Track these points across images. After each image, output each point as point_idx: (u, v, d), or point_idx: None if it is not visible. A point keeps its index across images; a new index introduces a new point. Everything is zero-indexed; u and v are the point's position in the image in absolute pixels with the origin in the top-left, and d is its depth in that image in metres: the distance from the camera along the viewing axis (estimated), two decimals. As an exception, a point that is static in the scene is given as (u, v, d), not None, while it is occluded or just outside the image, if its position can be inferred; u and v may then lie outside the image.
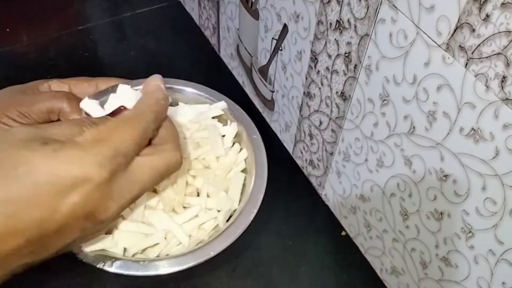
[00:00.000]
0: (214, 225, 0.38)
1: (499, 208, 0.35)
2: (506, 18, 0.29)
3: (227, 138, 0.43)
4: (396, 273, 0.51)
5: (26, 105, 0.37)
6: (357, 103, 0.46)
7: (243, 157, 0.42)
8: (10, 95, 0.38)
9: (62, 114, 0.38)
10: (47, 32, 0.78)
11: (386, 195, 0.47)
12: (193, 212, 0.38)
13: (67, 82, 0.42)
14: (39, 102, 0.37)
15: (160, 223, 0.37)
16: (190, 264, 0.35)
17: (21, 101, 0.37)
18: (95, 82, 0.43)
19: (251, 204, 0.38)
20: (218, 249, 0.36)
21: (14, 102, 0.37)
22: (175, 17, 0.84)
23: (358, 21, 0.42)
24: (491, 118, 0.33)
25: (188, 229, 0.37)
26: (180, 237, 0.37)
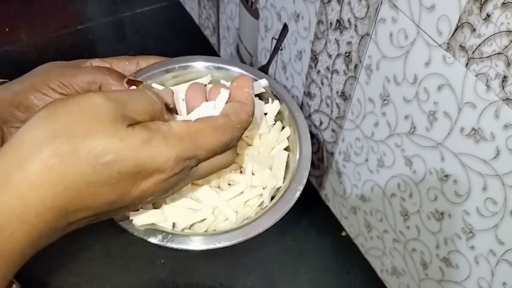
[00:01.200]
0: (259, 202, 0.38)
1: (500, 208, 0.35)
2: (507, 18, 0.29)
3: (269, 116, 0.42)
4: (397, 274, 0.50)
5: (69, 76, 0.38)
6: (358, 103, 0.46)
7: (286, 135, 0.42)
8: (53, 68, 0.39)
9: (105, 86, 0.38)
10: (47, 32, 0.78)
11: (386, 195, 0.47)
12: (239, 189, 0.38)
13: (109, 61, 0.43)
14: (82, 74, 0.38)
15: (207, 199, 0.37)
16: (239, 239, 0.35)
17: (63, 72, 0.38)
18: (136, 60, 0.44)
19: (297, 181, 0.38)
20: (266, 226, 0.36)
21: (56, 74, 0.38)
22: (175, 16, 0.84)
23: (359, 20, 0.41)
24: (491, 118, 0.33)
25: (234, 206, 0.37)
26: (227, 212, 0.37)
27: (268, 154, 0.41)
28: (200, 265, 0.54)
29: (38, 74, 0.38)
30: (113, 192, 0.29)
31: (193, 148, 0.31)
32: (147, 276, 0.53)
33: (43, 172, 0.27)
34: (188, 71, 0.45)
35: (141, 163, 0.29)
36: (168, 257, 0.54)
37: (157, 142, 0.30)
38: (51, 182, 0.27)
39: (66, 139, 0.27)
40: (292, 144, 0.41)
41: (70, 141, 0.27)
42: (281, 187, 0.39)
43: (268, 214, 0.37)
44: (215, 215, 0.38)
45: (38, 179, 0.27)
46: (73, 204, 0.28)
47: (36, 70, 0.40)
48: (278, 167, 0.40)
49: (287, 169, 0.40)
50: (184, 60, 0.43)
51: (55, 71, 0.38)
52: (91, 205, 0.29)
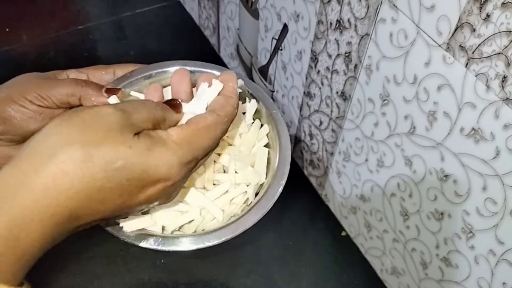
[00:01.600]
0: (244, 199, 0.39)
1: (500, 208, 0.35)
2: (507, 18, 0.29)
3: (247, 115, 0.43)
4: (397, 274, 0.51)
5: (46, 88, 0.38)
6: (358, 103, 0.46)
7: (265, 132, 0.42)
8: (29, 80, 0.39)
9: (84, 98, 0.39)
10: (47, 32, 0.78)
11: (386, 195, 0.47)
12: (223, 188, 0.39)
13: (85, 71, 0.43)
14: (60, 86, 0.38)
15: (194, 200, 0.38)
16: (228, 237, 0.36)
17: (40, 84, 0.38)
18: (113, 69, 0.45)
19: (279, 176, 0.39)
20: (252, 222, 0.36)
21: (33, 86, 0.38)
22: (175, 16, 0.84)
23: (359, 20, 0.41)
24: (491, 118, 0.33)
25: (220, 205, 0.38)
26: (214, 212, 0.38)
27: (249, 152, 0.42)
28: (200, 265, 0.54)
29: (15, 86, 0.38)
30: (121, 197, 0.31)
31: (192, 151, 0.33)
32: (147, 276, 0.53)
33: (58, 176, 0.28)
34: (166, 76, 0.45)
35: (146, 170, 0.31)
36: (168, 257, 0.54)
37: (158, 149, 0.31)
38: (65, 186, 0.28)
39: (80, 146, 0.29)
40: (272, 141, 0.42)
41: (83, 148, 0.29)
42: (264, 183, 0.40)
43: (253, 210, 0.37)
44: (202, 216, 0.38)
45: (53, 183, 0.28)
46: (83, 207, 0.30)
47: (12, 81, 0.39)
48: (260, 164, 0.41)
49: (269, 165, 0.41)
50: (161, 65, 0.43)
51: (32, 83, 0.38)
52: (100, 209, 0.31)
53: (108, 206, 0.31)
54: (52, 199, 0.28)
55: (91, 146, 0.29)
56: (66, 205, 0.29)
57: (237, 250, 0.55)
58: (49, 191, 0.28)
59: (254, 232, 0.56)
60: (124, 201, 0.31)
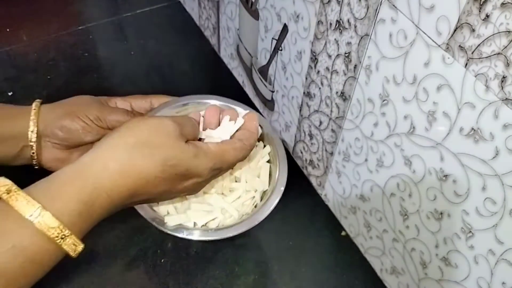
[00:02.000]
0: (253, 202, 0.51)
1: (499, 208, 0.35)
2: (506, 18, 0.29)
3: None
4: (396, 273, 0.51)
5: (105, 113, 0.49)
6: (357, 103, 0.46)
7: (267, 151, 0.54)
8: (92, 103, 0.50)
9: None
10: (47, 32, 0.79)
11: (386, 195, 0.47)
12: (237, 194, 0.51)
13: (128, 100, 0.54)
14: (114, 113, 0.50)
15: (216, 202, 0.50)
16: (243, 229, 0.47)
17: (101, 109, 0.49)
18: (149, 99, 0.55)
19: (279, 184, 0.51)
20: (262, 217, 0.48)
21: (95, 109, 0.49)
22: (175, 17, 0.84)
23: (358, 21, 0.42)
24: (491, 118, 0.33)
25: (235, 206, 0.50)
26: (231, 211, 0.49)
27: (255, 167, 0.53)
28: (200, 265, 0.54)
29: (81, 105, 0.49)
30: (167, 185, 0.41)
31: (220, 163, 0.44)
32: (147, 276, 0.53)
33: (130, 165, 0.38)
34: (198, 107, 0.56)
35: (189, 169, 0.41)
36: (169, 257, 0.54)
37: (201, 156, 0.42)
38: (133, 173, 0.38)
39: (146, 145, 0.39)
40: (272, 158, 0.54)
41: (149, 147, 0.39)
42: (267, 189, 0.52)
43: (261, 210, 0.49)
44: (223, 214, 0.49)
45: (125, 170, 0.38)
46: (141, 189, 0.39)
47: (75, 100, 0.50)
48: (264, 175, 0.53)
49: (270, 176, 0.53)
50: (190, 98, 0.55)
51: (94, 107, 0.49)
52: (152, 191, 0.40)
53: (158, 191, 0.41)
54: (122, 181, 0.38)
55: (154, 146, 0.40)
56: (130, 187, 0.38)
57: (237, 250, 0.55)
58: (122, 175, 0.38)
59: (255, 232, 0.57)
60: (169, 188, 0.41)
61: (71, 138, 0.48)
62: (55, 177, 0.37)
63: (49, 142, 0.48)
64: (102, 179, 0.37)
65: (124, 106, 0.53)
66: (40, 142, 0.47)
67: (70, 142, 0.48)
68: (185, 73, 0.76)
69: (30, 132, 0.46)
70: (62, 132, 0.47)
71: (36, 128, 0.46)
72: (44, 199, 0.34)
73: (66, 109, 0.48)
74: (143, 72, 0.75)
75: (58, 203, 0.35)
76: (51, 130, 0.47)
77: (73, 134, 0.47)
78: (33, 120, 0.46)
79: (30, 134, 0.46)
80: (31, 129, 0.46)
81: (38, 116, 0.47)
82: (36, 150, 0.47)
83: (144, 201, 0.42)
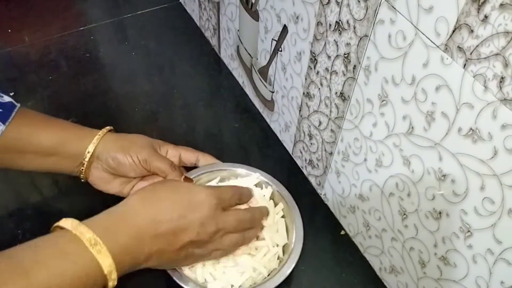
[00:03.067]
0: (276, 256, 0.54)
1: (497, 208, 0.35)
2: (505, 19, 0.29)
3: (266, 197, 0.58)
4: (395, 272, 0.51)
5: (152, 159, 0.54)
6: (356, 104, 0.46)
7: (280, 208, 0.57)
8: (146, 146, 0.56)
9: (168, 177, 0.55)
10: (49, 33, 0.79)
11: (385, 195, 0.48)
12: (264, 251, 0.53)
13: (179, 149, 0.59)
14: (160, 162, 0.55)
15: (246, 262, 0.52)
16: (278, 282, 0.50)
17: (150, 154, 0.55)
18: (197, 154, 0.60)
19: (298, 239, 0.54)
20: (289, 271, 0.51)
21: (145, 152, 0.55)
22: (176, 18, 0.85)
23: (357, 22, 0.42)
24: (489, 118, 0.33)
25: (264, 263, 0.52)
26: (261, 269, 0.52)
27: (272, 223, 0.55)
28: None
29: (135, 144, 0.55)
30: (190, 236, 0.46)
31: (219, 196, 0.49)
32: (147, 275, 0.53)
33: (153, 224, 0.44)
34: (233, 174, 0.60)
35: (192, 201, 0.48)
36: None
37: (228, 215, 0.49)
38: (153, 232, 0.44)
39: (184, 215, 0.46)
40: (285, 212, 0.57)
41: (185, 217, 0.46)
42: (287, 243, 0.54)
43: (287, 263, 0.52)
44: (254, 272, 0.52)
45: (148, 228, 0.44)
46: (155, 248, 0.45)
47: (134, 139, 0.56)
48: (281, 230, 0.56)
49: (287, 230, 0.56)
50: (232, 166, 0.60)
51: (147, 150, 0.55)
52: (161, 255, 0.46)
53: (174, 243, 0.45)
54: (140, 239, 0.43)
55: (190, 215, 0.46)
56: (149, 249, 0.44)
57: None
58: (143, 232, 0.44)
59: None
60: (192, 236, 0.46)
61: (118, 169, 0.54)
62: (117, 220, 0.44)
63: (100, 165, 0.54)
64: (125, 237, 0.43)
65: (174, 155, 0.58)
66: (92, 162, 0.54)
67: (116, 171, 0.54)
68: (186, 74, 0.76)
69: (87, 152, 0.53)
70: (113, 162, 0.53)
71: (93, 151, 0.53)
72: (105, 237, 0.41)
73: (124, 144, 0.54)
74: (144, 73, 0.75)
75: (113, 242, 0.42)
76: (105, 157, 0.53)
77: (121, 167, 0.54)
78: (93, 144, 0.53)
79: (86, 154, 0.53)
80: (89, 150, 0.53)
81: (99, 141, 0.53)
82: (86, 167, 0.53)
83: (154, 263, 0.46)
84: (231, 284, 0.51)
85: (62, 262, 0.38)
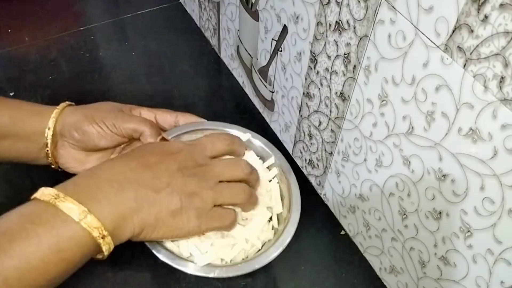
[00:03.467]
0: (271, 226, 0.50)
1: (498, 208, 0.35)
2: (505, 19, 0.29)
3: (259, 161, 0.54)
4: (395, 272, 0.51)
5: (120, 121, 0.49)
6: (356, 104, 0.47)
7: (274, 174, 0.53)
8: (111, 110, 0.50)
9: (143, 135, 0.50)
10: (49, 33, 0.79)
11: (385, 195, 0.48)
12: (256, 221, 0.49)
13: (154, 111, 0.53)
14: (130, 122, 0.49)
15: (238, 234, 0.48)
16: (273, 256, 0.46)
17: (118, 116, 0.49)
18: (175, 114, 0.54)
19: (295, 208, 0.49)
20: (287, 241, 0.46)
21: (112, 116, 0.49)
22: (176, 18, 0.85)
23: (357, 22, 0.42)
24: (489, 118, 0.33)
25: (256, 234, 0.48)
26: (254, 241, 0.48)
27: (265, 192, 0.51)
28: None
29: (99, 111, 0.50)
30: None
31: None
32: (147, 275, 0.53)
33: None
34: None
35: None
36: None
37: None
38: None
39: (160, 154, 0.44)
40: (280, 178, 0.53)
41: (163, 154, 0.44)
42: (282, 212, 0.51)
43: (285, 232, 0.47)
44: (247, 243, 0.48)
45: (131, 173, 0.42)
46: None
47: (97, 106, 0.51)
48: (276, 197, 0.52)
49: (282, 197, 0.52)
50: (216, 125, 0.54)
51: (112, 113, 0.49)
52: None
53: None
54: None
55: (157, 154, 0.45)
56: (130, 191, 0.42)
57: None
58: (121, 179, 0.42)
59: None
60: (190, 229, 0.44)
61: (86, 140, 0.49)
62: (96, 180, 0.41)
63: (66, 142, 0.49)
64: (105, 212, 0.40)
65: (148, 116, 0.53)
66: (57, 141, 0.49)
67: (86, 145, 0.49)
68: (186, 74, 0.76)
69: (47, 129, 0.48)
70: (78, 134, 0.48)
71: (53, 127, 0.48)
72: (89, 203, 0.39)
73: (86, 112, 0.49)
74: (144, 73, 0.75)
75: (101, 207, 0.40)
76: (68, 130, 0.48)
77: (89, 137, 0.49)
78: (53, 119, 0.48)
79: (47, 132, 0.48)
80: (49, 127, 0.48)
81: (59, 115, 0.48)
82: (51, 149, 0.48)
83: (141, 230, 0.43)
84: (221, 258, 0.47)
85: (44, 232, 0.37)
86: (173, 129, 0.53)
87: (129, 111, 0.52)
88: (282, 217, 0.50)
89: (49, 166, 0.52)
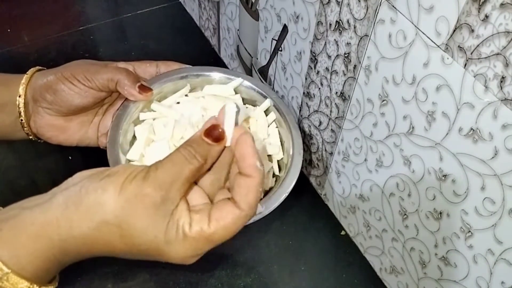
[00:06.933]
0: (272, 174, 0.46)
1: (498, 208, 0.35)
2: (505, 19, 0.29)
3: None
4: (396, 273, 0.51)
5: (92, 72, 0.45)
6: (357, 103, 0.46)
7: (273, 118, 0.51)
8: (82, 64, 0.47)
9: (119, 84, 0.46)
10: (48, 33, 0.79)
11: (385, 195, 0.48)
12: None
13: (132, 63, 0.50)
14: (104, 72, 0.45)
15: None
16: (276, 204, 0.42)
17: (88, 68, 0.45)
18: (156, 64, 0.50)
19: (296, 153, 0.46)
20: (290, 187, 0.43)
21: (82, 69, 0.45)
22: (176, 17, 0.85)
23: (358, 21, 0.42)
24: (490, 118, 0.33)
25: None
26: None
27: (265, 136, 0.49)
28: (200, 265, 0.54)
29: (69, 66, 0.46)
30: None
31: (206, 246, 0.35)
32: (147, 275, 0.53)
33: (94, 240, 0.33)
34: (201, 80, 0.52)
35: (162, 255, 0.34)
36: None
37: (183, 241, 0.33)
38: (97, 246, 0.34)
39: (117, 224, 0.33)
40: (279, 123, 0.50)
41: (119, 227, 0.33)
42: (282, 158, 0.48)
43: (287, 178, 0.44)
44: None
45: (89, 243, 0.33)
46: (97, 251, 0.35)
47: (69, 63, 0.47)
48: (275, 142, 0.49)
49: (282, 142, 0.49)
50: (199, 69, 0.51)
51: (82, 67, 0.45)
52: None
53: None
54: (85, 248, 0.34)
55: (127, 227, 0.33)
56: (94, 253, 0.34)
57: (237, 250, 0.56)
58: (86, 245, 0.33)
59: (254, 232, 0.57)
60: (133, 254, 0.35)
61: (60, 101, 0.45)
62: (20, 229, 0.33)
63: (40, 107, 0.45)
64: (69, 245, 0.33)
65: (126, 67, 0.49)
66: (31, 109, 0.45)
67: (60, 106, 0.45)
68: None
69: (18, 97, 0.44)
70: (49, 95, 0.44)
71: (24, 94, 0.44)
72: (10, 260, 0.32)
73: (55, 71, 0.45)
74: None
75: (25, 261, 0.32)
76: (40, 93, 0.44)
77: (61, 97, 0.44)
78: (23, 85, 0.45)
79: (18, 100, 0.44)
80: (19, 94, 0.44)
81: (29, 81, 0.45)
82: (25, 118, 0.45)
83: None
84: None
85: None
86: (155, 77, 0.50)
87: (104, 65, 0.48)
88: (283, 163, 0.46)
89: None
